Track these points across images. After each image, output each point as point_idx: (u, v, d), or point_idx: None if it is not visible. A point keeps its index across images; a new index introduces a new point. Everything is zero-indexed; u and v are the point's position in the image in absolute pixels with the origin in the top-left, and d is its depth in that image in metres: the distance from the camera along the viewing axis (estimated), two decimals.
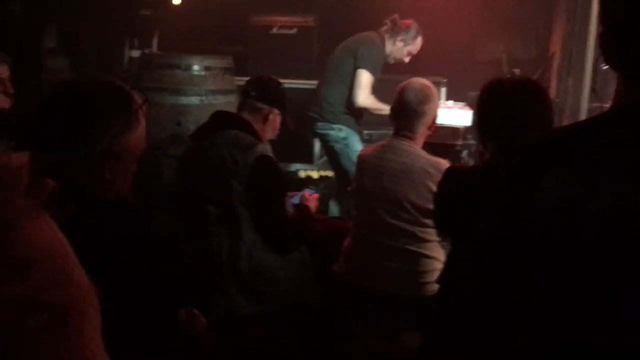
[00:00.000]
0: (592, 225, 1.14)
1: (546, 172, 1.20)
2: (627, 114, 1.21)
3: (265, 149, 2.98)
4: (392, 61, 4.73)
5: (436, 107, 3.03)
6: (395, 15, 4.67)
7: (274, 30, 6.19)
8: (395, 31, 4.65)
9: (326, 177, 5.62)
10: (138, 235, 1.52)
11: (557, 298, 1.24)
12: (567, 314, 1.22)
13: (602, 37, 1.27)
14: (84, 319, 0.63)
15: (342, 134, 4.56)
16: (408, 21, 4.70)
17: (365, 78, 4.43)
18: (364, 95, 4.43)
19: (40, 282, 0.59)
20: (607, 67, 1.26)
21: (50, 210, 0.67)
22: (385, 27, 4.68)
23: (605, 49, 1.26)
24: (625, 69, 1.23)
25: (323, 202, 4.87)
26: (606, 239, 1.14)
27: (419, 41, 4.70)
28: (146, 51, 5.74)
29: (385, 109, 4.34)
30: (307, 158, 6.07)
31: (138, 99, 1.68)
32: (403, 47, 4.67)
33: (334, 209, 4.86)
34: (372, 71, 4.45)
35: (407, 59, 4.74)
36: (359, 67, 4.44)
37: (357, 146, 4.47)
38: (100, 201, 1.56)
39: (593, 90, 3.69)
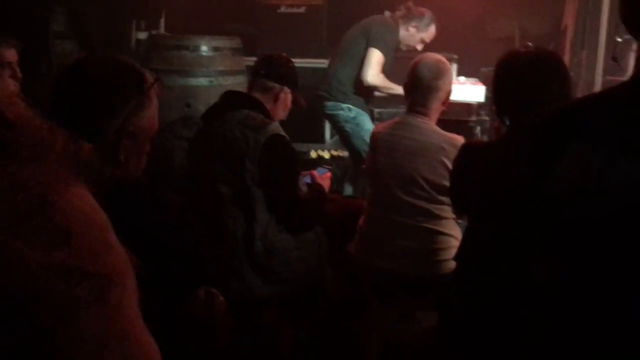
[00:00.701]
0: (611, 200, 1.12)
1: (566, 146, 1.17)
2: None
3: (278, 128, 2.95)
4: (404, 48, 4.70)
5: (450, 82, 2.99)
6: (410, 2, 4.66)
7: (283, 9, 6.14)
8: (409, 17, 4.63)
9: (338, 157, 5.60)
10: (153, 215, 1.50)
11: (576, 274, 1.21)
12: (587, 290, 1.20)
13: (621, 3, 1.24)
14: (124, 290, 0.61)
15: (351, 114, 4.53)
16: (423, 9, 4.68)
17: (376, 56, 4.39)
18: (373, 73, 4.38)
19: (82, 251, 0.58)
20: (621, 39, 1.23)
21: (87, 177, 0.65)
22: (399, 13, 4.66)
23: (626, 15, 1.23)
24: None
25: (335, 182, 4.86)
26: (625, 213, 1.11)
27: (432, 29, 4.68)
28: (154, 32, 5.71)
29: (394, 88, 4.32)
30: (318, 138, 6.05)
31: (150, 77, 1.65)
32: (416, 33, 4.64)
33: (348, 188, 4.85)
34: (384, 51, 4.41)
35: (420, 47, 4.69)
36: (371, 46, 4.40)
37: (367, 125, 4.44)
38: (116, 183, 1.54)
39: (614, 59, 3.63)
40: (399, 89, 4.29)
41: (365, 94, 4.59)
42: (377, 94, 4.70)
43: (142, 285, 0.68)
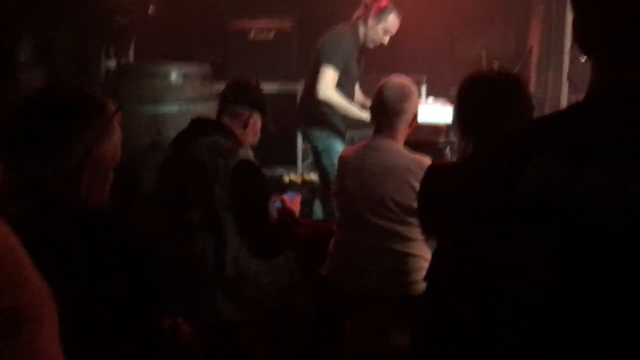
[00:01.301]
0: (577, 213, 1.13)
1: (528, 162, 1.19)
2: (605, 99, 1.20)
3: (247, 153, 2.96)
4: (370, 45, 4.58)
5: (416, 104, 3.02)
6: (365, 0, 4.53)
7: (252, 35, 6.19)
8: (367, 13, 4.51)
9: (310, 181, 5.61)
10: (115, 243, 1.49)
11: (546, 290, 1.22)
12: (557, 307, 1.21)
13: (574, 24, 1.26)
14: (40, 325, 0.61)
15: (323, 135, 4.53)
16: (381, 3, 4.53)
17: (325, 72, 4.30)
18: (323, 89, 4.29)
19: None
20: (584, 59, 1.26)
21: (10, 207, 0.65)
22: (357, 14, 4.56)
23: (579, 35, 1.25)
24: (600, 54, 1.22)
25: (307, 206, 4.87)
26: (592, 226, 1.12)
27: (392, 18, 4.51)
28: (123, 60, 5.70)
29: (349, 107, 4.31)
30: (290, 162, 6.07)
31: (112, 106, 1.65)
32: (376, 25, 4.49)
33: (318, 211, 4.84)
34: (334, 65, 4.32)
35: (385, 40, 4.56)
36: (321, 63, 4.34)
37: (338, 148, 4.43)
38: (78, 211, 1.53)
39: (569, 80, 3.70)
40: (355, 110, 4.32)
41: (338, 114, 4.56)
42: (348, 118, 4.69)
43: (103, 313, 0.68)
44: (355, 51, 4.54)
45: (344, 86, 4.46)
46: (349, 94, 4.54)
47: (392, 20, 4.52)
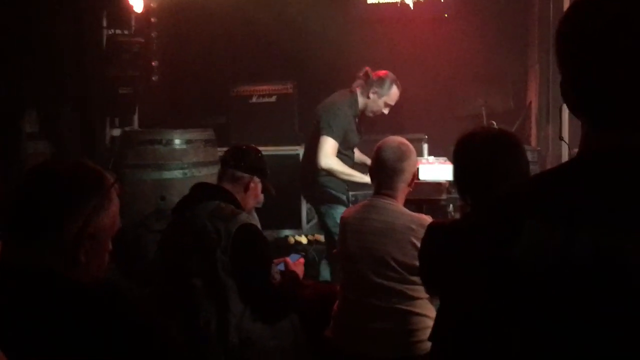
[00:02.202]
0: (572, 277, 1.13)
1: (522, 226, 1.19)
2: (595, 161, 1.21)
3: (248, 217, 2.98)
4: (370, 114, 4.63)
5: (414, 163, 3.05)
6: (367, 68, 4.55)
7: (254, 99, 6.29)
8: (368, 84, 4.53)
9: (315, 241, 5.61)
10: (116, 320, 1.50)
11: (542, 349, 1.22)
12: None
13: (562, 85, 1.28)
14: None
15: (325, 198, 4.55)
16: (382, 72, 4.57)
17: (324, 142, 4.34)
18: (324, 160, 4.32)
19: None
20: None
21: None
22: (357, 82, 4.58)
23: (567, 96, 1.27)
24: (588, 114, 1.24)
25: (313, 266, 4.85)
26: (587, 290, 1.12)
27: (394, 91, 4.54)
28: (127, 129, 5.79)
29: (352, 173, 4.35)
30: (295, 223, 6.08)
31: (110, 178, 1.68)
32: (377, 99, 4.53)
33: (325, 272, 4.82)
34: (333, 135, 4.35)
35: (386, 111, 4.60)
36: (320, 134, 4.38)
37: (341, 208, 4.44)
38: (77, 285, 1.54)
39: (560, 138, 3.73)
40: (356, 175, 4.35)
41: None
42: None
43: None
44: (353, 120, 4.58)
45: (344, 154, 4.51)
46: (350, 162, 4.57)
47: (393, 93, 4.56)
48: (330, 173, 4.40)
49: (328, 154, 4.33)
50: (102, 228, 1.61)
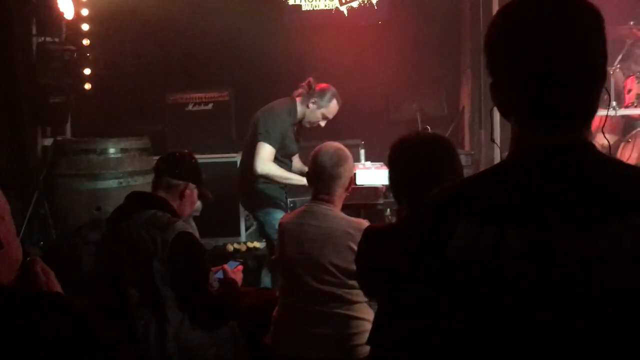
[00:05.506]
0: (503, 273, 1.16)
1: (456, 226, 1.22)
2: (524, 160, 1.25)
3: (185, 225, 2.95)
4: (307, 125, 4.66)
5: (351, 168, 3.07)
6: (310, 79, 4.59)
7: (190, 107, 6.23)
8: (309, 94, 4.56)
9: (254, 249, 5.59)
10: (51, 327, 1.46)
11: (480, 344, 1.24)
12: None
13: (492, 88, 1.32)
14: None
15: (263, 204, 4.54)
16: (324, 85, 4.61)
17: (262, 149, 4.35)
18: (261, 166, 4.32)
19: None
20: None
21: None
22: (299, 91, 4.61)
23: (496, 98, 1.31)
24: (517, 116, 1.28)
25: (253, 273, 4.83)
26: (518, 285, 1.16)
27: (333, 104, 4.59)
28: (59, 138, 5.65)
29: (289, 176, 4.36)
30: (234, 231, 6.05)
31: None
32: (316, 110, 4.56)
33: (265, 279, 4.80)
34: (269, 141, 4.36)
35: (323, 123, 4.65)
36: (257, 140, 4.38)
37: (279, 215, 4.43)
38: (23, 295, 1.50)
39: (492, 140, 3.83)
40: (294, 177, 4.37)
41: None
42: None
43: None
44: (291, 128, 4.58)
45: (281, 161, 4.51)
46: (287, 169, 4.57)
47: (332, 106, 4.60)
48: (268, 179, 4.39)
49: (264, 160, 4.33)
50: None
